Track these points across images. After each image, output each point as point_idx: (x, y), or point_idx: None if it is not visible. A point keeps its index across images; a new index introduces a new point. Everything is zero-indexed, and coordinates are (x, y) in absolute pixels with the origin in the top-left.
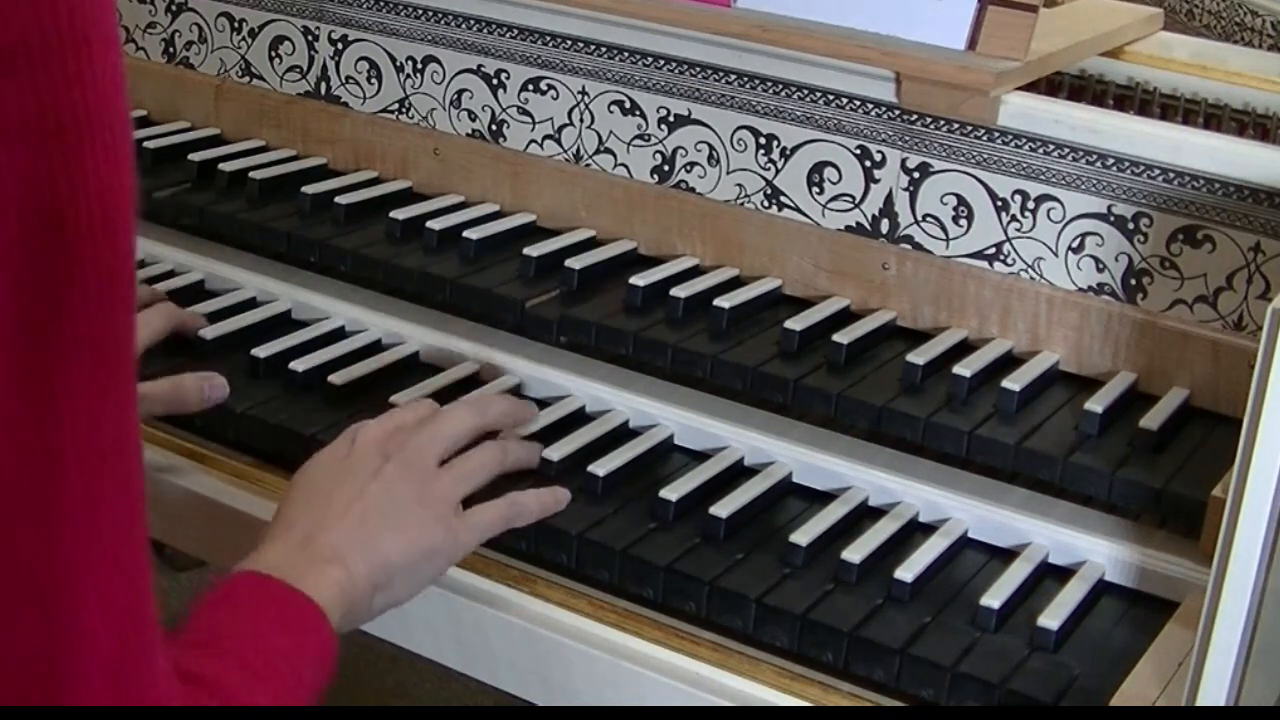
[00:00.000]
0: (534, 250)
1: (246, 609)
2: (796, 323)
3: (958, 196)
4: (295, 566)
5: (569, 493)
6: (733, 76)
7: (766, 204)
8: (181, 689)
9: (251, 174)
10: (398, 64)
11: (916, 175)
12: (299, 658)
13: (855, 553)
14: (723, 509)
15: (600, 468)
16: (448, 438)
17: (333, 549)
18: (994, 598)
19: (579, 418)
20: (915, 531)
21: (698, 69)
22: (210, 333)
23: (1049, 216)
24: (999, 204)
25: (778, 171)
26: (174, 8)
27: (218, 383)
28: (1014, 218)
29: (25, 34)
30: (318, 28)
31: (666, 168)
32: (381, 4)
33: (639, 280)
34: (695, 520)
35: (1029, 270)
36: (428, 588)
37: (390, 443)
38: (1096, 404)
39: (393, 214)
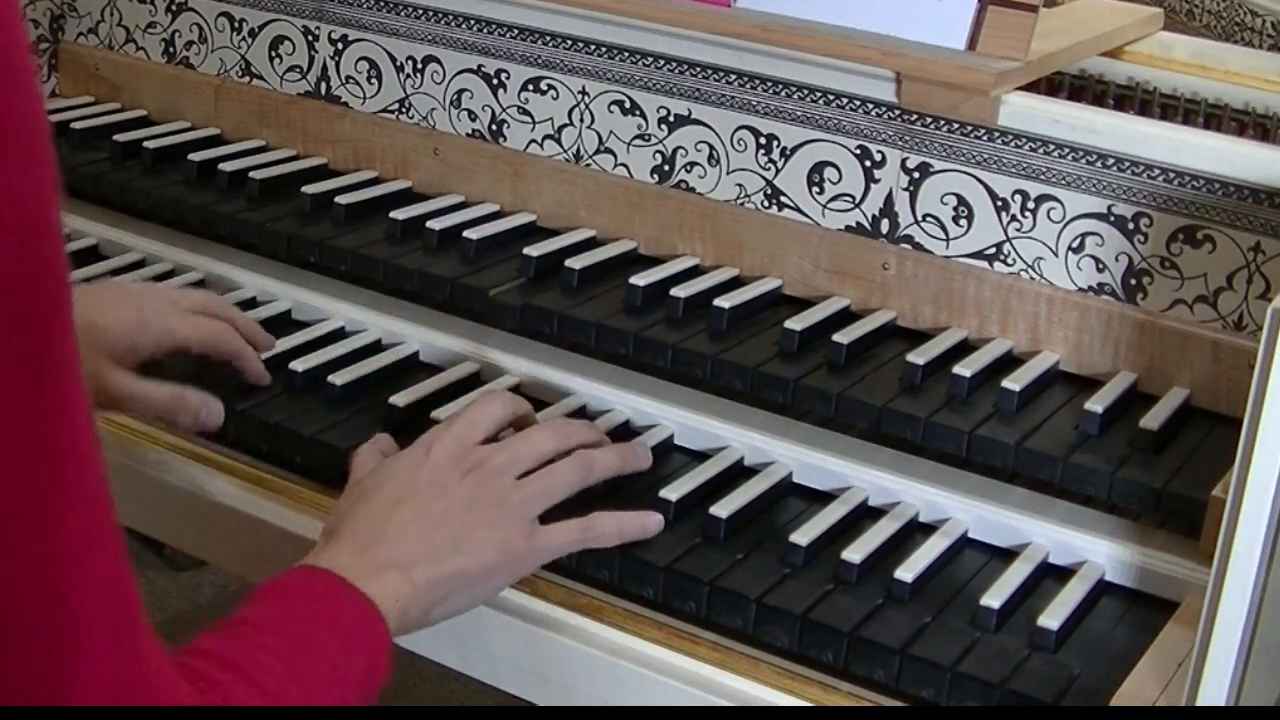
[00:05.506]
0: (534, 250)
1: (298, 603)
2: (796, 323)
3: (958, 196)
4: (357, 568)
5: (661, 519)
6: (733, 76)
7: (766, 204)
8: (189, 688)
9: (251, 174)
10: (398, 64)
11: (916, 175)
12: (345, 656)
13: (855, 553)
14: (723, 509)
15: None
16: (526, 463)
17: (396, 559)
18: (994, 598)
19: (579, 418)
20: (915, 531)
21: (698, 69)
22: None
23: (1049, 216)
24: (999, 204)
25: (778, 171)
26: (174, 8)
27: (215, 409)
28: (1014, 218)
29: None
30: (318, 28)
31: (666, 168)
32: (381, 4)
33: (639, 280)
34: (695, 520)
35: (1029, 270)
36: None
37: (467, 459)
38: (1096, 404)
39: (393, 214)
